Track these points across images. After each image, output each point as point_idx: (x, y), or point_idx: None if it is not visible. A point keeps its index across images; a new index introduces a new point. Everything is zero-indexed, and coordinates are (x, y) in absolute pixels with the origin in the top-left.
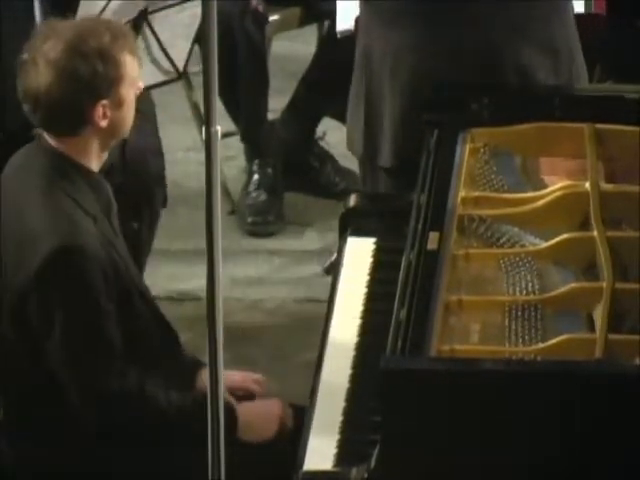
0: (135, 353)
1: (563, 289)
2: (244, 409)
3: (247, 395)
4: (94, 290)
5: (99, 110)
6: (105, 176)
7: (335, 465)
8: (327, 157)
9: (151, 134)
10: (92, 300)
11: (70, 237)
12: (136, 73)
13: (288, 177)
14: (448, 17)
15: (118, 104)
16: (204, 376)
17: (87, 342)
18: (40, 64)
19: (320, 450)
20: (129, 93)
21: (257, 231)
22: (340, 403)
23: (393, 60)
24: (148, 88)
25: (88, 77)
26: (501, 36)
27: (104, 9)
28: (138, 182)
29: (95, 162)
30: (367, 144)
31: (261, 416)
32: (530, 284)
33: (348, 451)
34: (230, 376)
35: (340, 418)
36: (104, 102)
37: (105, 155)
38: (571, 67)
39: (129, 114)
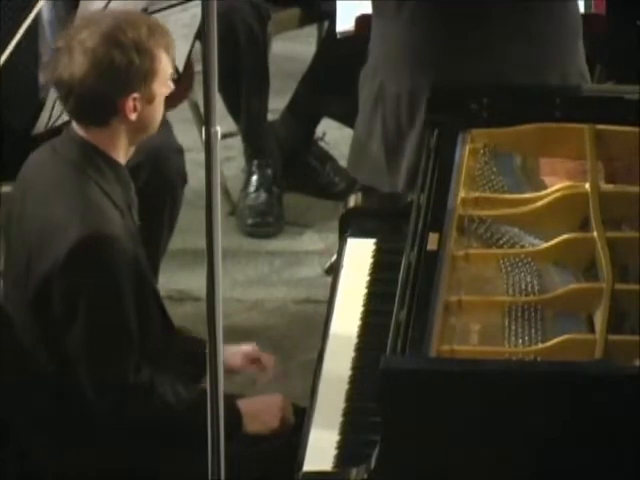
0: (144, 349)
1: (563, 290)
2: (246, 403)
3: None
4: (119, 281)
5: (130, 103)
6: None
7: (335, 465)
8: (327, 157)
9: (169, 132)
10: (117, 291)
11: (99, 226)
12: (169, 71)
13: (288, 177)
14: (457, 59)
15: (149, 99)
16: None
17: (108, 332)
18: (75, 52)
19: (320, 450)
20: (161, 90)
21: (257, 232)
22: (340, 403)
23: (408, 105)
24: None
25: (123, 68)
26: (516, 72)
27: (104, 9)
28: (162, 180)
29: (122, 156)
30: (388, 174)
31: (264, 407)
32: (530, 285)
33: (348, 451)
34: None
35: (340, 418)
36: (136, 95)
37: (132, 150)
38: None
39: (159, 111)
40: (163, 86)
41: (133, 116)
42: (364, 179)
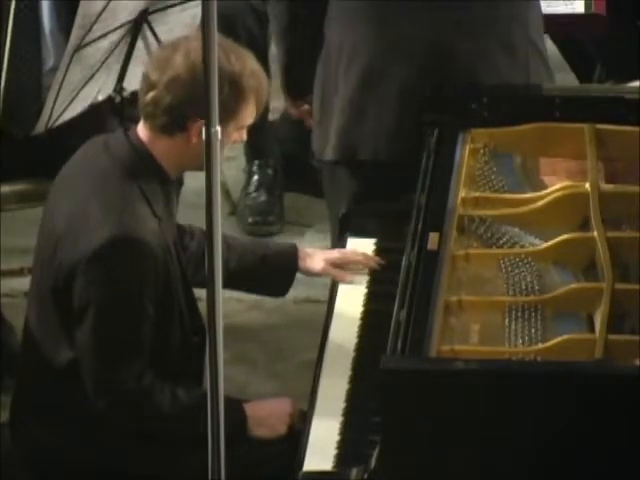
0: (156, 361)
1: (563, 289)
2: (254, 407)
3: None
4: (139, 286)
5: (198, 126)
6: None
7: (335, 465)
8: None
9: None
10: (133, 295)
11: (132, 230)
12: (247, 123)
13: (288, 177)
14: (401, 16)
15: None
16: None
17: (116, 335)
18: (178, 54)
19: (320, 450)
20: (231, 133)
21: (257, 231)
22: (340, 403)
23: (347, 56)
24: None
25: None
26: (453, 35)
27: (104, 9)
28: None
29: (172, 171)
30: (318, 136)
31: (272, 412)
32: (530, 284)
33: (348, 451)
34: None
35: (340, 418)
36: None
37: (178, 174)
38: (527, 68)
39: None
40: (236, 130)
41: (195, 139)
42: (314, 143)
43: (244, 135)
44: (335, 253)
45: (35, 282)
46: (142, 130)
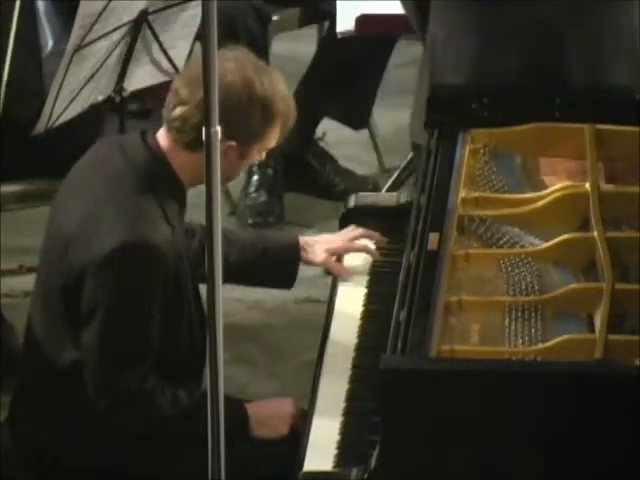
0: (163, 364)
1: (563, 289)
2: (256, 407)
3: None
4: (148, 292)
5: (224, 147)
6: None
7: (335, 465)
8: (327, 157)
9: None
10: (142, 301)
11: (146, 236)
12: (271, 146)
13: (288, 177)
14: (503, 4)
15: (241, 156)
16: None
17: (122, 339)
18: None
19: (320, 450)
20: (253, 155)
21: None
22: (340, 403)
23: (454, 51)
24: (147, 88)
25: (240, 114)
26: (566, 19)
27: (104, 9)
28: None
29: (187, 183)
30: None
31: (274, 413)
32: (530, 284)
33: (348, 451)
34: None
35: (340, 418)
36: (233, 144)
37: (193, 186)
38: (634, 48)
39: (239, 170)
40: (259, 152)
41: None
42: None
43: (264, 156)
44: (338, 242)
45: (41, 281)
46: (163, 139)
